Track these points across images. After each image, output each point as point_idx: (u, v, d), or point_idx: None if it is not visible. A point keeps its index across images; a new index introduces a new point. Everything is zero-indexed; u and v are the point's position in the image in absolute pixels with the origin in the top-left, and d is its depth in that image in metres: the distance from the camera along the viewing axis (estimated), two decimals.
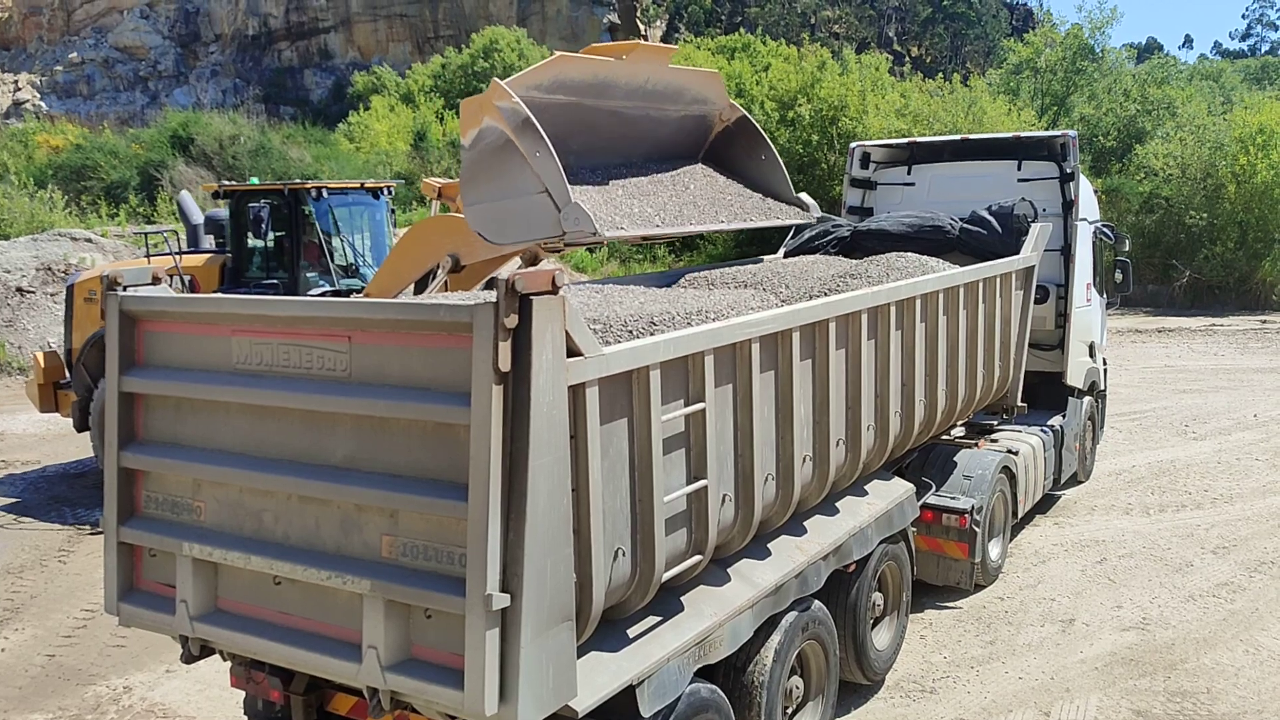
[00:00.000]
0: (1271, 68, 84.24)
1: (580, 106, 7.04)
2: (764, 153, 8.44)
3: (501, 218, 6.61)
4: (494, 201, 6.57)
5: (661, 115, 7.78)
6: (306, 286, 13.12)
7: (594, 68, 7.04)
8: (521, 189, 6.40)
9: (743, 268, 7.87)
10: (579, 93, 7.01)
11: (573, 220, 6.31)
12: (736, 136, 8.39)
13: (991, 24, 76.22)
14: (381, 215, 14.25)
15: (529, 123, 6.22)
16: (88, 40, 66.03)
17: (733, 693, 5.42)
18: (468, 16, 63.57)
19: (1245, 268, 30.52)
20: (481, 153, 6.46)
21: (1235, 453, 13.52)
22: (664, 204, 7.29)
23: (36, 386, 13.12)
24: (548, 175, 6.29)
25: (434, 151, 34.51)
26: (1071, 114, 38.97)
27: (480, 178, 6.57)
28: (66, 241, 22.44)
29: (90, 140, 33.08)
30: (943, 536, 8.45)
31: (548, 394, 3.76)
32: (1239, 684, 7.22)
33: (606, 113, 7.29)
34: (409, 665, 3.97)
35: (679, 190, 7.64)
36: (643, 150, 7.82)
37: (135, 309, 4.72)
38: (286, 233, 13.43)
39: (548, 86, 6.75)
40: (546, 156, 6.26)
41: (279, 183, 14.04)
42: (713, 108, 8.19)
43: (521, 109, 6.24)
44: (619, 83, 7.26)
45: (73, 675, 7.66)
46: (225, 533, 4.49)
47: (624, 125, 7.49)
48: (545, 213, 6.40)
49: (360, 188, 14.15)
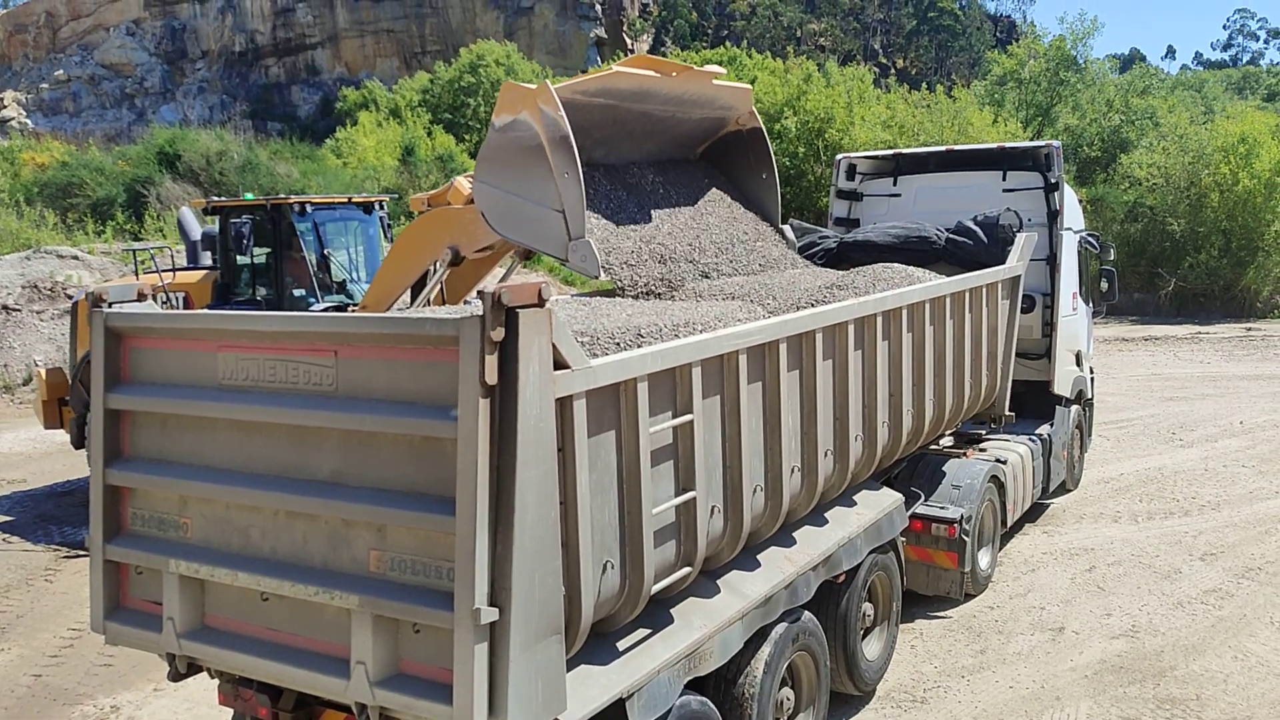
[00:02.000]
0: (1253, 78, 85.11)
1: (616, 108, 7.16)
2: (766, 172, 8.53)
3: (511, 212, 6.59)
4: (508, 194, 6.54)
5: (685, 116, 7.96)
6: (293, 304, 12.93)
7: (641, 81, 7.15)
8: (539, 197, 6.38)
9: (729, 280, 7.89)
10: (619, 98, 7.13)
11: (579, 256, 6.34)
12: (745, 146, 8.50)
13: (976, 36, 76.75)
14: (374, 231, 14.00)
15: (566, 141, 6.19)
16: (74, 57, 65.93)
17: (723, 705, 5.41)
18: (455, 31, 63.75)
19: (1230, 275, 30.75)
20: (510, 141, 6.41)
21: (1222, 460, 13.58)
22: (673, 249, 7.40)
23: (41, 403, 13.04)
24: (569, 199, 6.28)
25: (422, 166, 34.48)
26: (1056, 124, 39.29)
27: (501, 164, 6.54)
28: (53, 259, 22.37)
29: (76, 157, 32.99)
30: (932, 546, 8.45)
31: (535, 407, 3.76)
32: (1228, 690, 7.24)
33: (638, 113, 7.44)
34: (397, 680, 3.95)
35: (694, 233, 7.74)
36: (656, 143, 7.97)
37: (121, 325, 4.70)
38: (271, 249, 13.26)
39: (593, 93, 6.84)
40: (573, 181, 6.24)
41: (263, 198, 13.89)
42: (733, 113, 8.35)
43: (563, 124, 6.19)
44: (659, 92, 7.41)
45: (60, 695, 7.60)
46: (212, 549, 4.46)
47: (649, 123, 7.66)
48: (555, 232, 6.40)
49: (349, 202, 13.94)
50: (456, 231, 8.27)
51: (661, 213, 7.70)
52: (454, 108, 43.07)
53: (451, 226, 8.35)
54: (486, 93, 42.95)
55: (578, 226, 6.29)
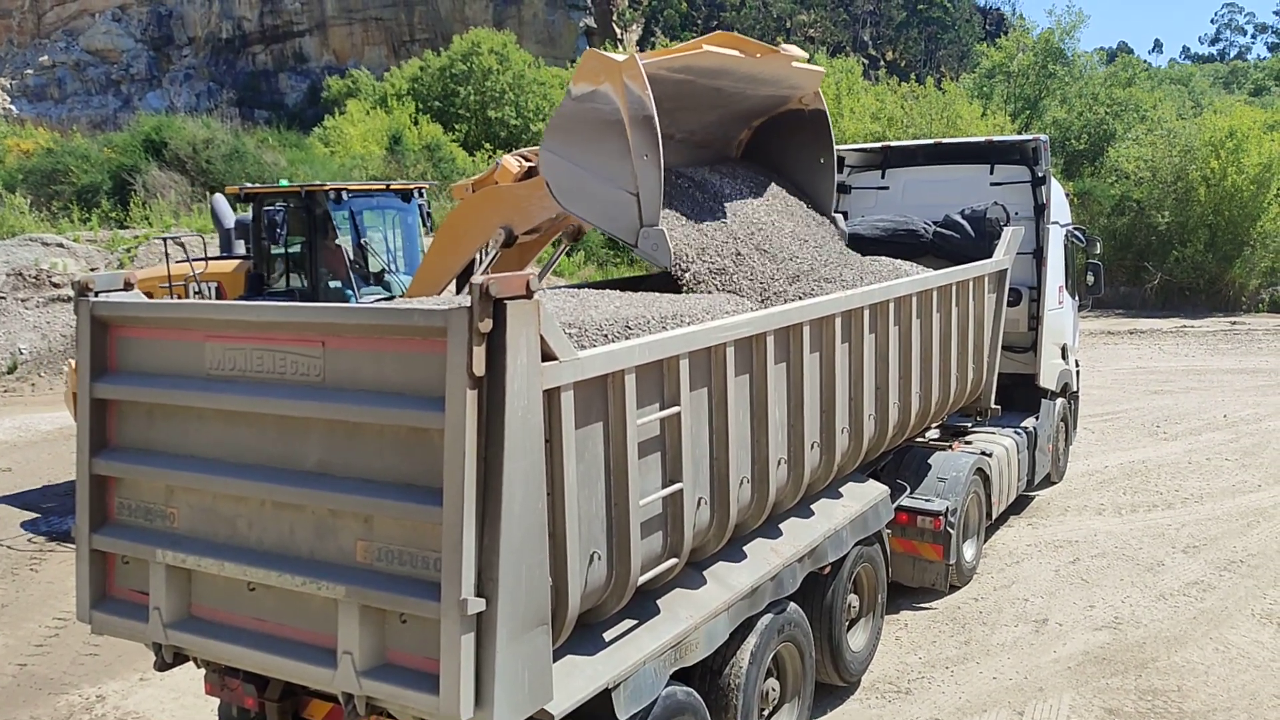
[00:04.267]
0: (1240, 72, 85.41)
1: (692, 83, 6.93)
2: (824, 155, 8.19)
3: (579, 186, 6.33)
4: (577, 167, 6.28)
5: (753, 93, 7.72)
6: (328, 296, 12.37)
7: (723, 61, 6.90)
8: (612, 175, 6.12)
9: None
10: (698, 74, 6.90)
11: (651, 244, 6.10)
12: (805, 126, 8.17)
13: (965, 28, 76.73)
14: (413, 219, 13.42)
15: (650, 121, 5.94)
16: (59, 43, 65.36)
17: (709, 695, 5.44)
18: (444, 20, 63.39)
19: (1215, 270, 30.90)
20: (587, 112, 6.14)
21: (1205, 453, 13.68)
22: (749, 248, 7.13)
23: (72, 395, 12.87)
24: (646, 183, 6.03)
25: (409, 156, 34.28)
26: (1043, 117, 39.35)
27: (574, 134, 6.28)
28: (38, 247, 22.21)
29: (61, 144, 32.67)
30: (918, 538, 8.50)
31: (522, 398, 3.77)
32: (1209, 682, 7.30)
33: (709, 89, 7.21)
34: (384, 670, 3.96)
35: (766, 232, 7.43)
36: (717, 115, 7.75)
37: (107, 314, 4.69)
38: (306, 238, 12.66)
39: (676, 69, 6.57)
40: (653, 165, 5.99)
41: (297, 185, 13.24)
42: (798, 92, 8.05)
43: (648, 103, 5.93)
44: (736, 70, 7.16)
45: (45, 685, 7.59)
46: (199, 539, 4.47)
47: (716, 98, 7.44)
48: (627, 215, 6.15)
49: (387, 189, 13.35)
50: (509, 210, 7.96)
51: (731, 206, 7.39)
52: (443, 96, 42.80)
53: (503, 205, 8.04)
54: (477, 81, 42.70)
55: (652, 213, 6.04)
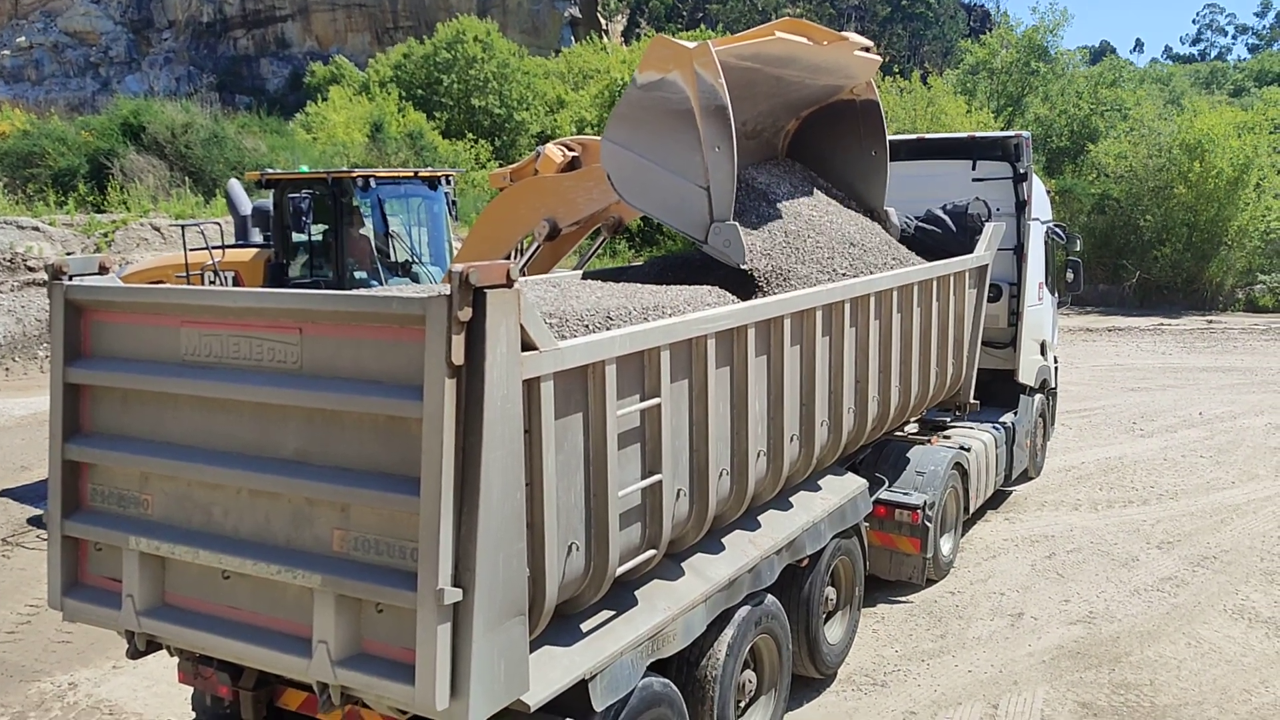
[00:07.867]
0: (1220, 72, 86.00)
1: (758, 71, 6.76)
2: (877, 148, 7.98)
3: (644, 179, 6.12)
4: (643, 158, 6.05)
5: (812, 82, 7.56)
6: (354, 286, 11.92)
7: (791, 49, 6.75)
8: (681, 168, 5.90)
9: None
10: (765, 62, 6.73)
11: (722, 240, 5.90)
12: (856, 117, 7.98)
13: (949, 24, 76.88)
14: (440, 208, 13.09)
15: (723, 112, 5.71)
16: (36, 24, 64.55)
17: (686, 687, 5.44)
18: (427, 8, 62.96)
19: (1193, 268, 31.19)
20: (654, 102, 5.92)
21: (1181, 450, 13.79)
22: (809, 246, 7.05)
23: None
24: (718, 176, 5.83)
25: (391, 144, 34.06)
26: (1026, 114, 39.53)
27: (639, 125, 6.05)
28: (13, 230, 21.94)
29: (38, 126, 32.26)
30: (895, 532, 8.53)
31: (502, 388, 3.75)
32: (1180, 676, 7.37)
33: (772, 77, 7.04)
34: (359, 660, 3.94)
35: (825, 233, 7.35)
36: (770, 104, 7.56)
37: (81, 299, 4.63)
38: (331, 227, 12.33)
39: (746, 57, 6.39)
40: (725, 157, 5.77)
41: (322, 171, 12.89)
42: (851, 82, 7.87)
43: (721, 92, 5.71)
44: (802, 59, 7.00)
45: (16, 672, 7.52)
46: (173, 526, 4.42)
47: (776, 86, 7.27)
48: (697, 210, 5.92)
49: (414, 177, 13.03)
50: (553, 202, 7.76)
51: (784, 206, 7.26)
52: (427, 84, 42.56)
53: (547, 197, 7.84)
54: (461, 69, 42.46)
55: (723, 208, 5.83)
